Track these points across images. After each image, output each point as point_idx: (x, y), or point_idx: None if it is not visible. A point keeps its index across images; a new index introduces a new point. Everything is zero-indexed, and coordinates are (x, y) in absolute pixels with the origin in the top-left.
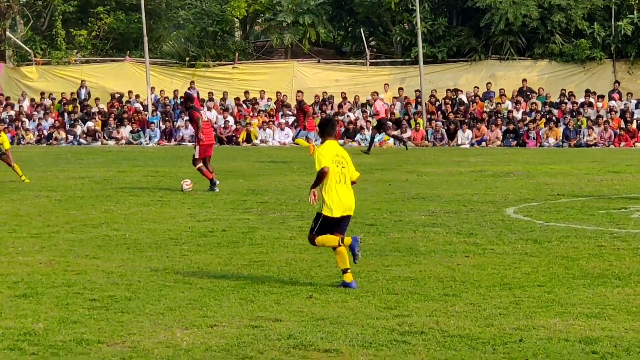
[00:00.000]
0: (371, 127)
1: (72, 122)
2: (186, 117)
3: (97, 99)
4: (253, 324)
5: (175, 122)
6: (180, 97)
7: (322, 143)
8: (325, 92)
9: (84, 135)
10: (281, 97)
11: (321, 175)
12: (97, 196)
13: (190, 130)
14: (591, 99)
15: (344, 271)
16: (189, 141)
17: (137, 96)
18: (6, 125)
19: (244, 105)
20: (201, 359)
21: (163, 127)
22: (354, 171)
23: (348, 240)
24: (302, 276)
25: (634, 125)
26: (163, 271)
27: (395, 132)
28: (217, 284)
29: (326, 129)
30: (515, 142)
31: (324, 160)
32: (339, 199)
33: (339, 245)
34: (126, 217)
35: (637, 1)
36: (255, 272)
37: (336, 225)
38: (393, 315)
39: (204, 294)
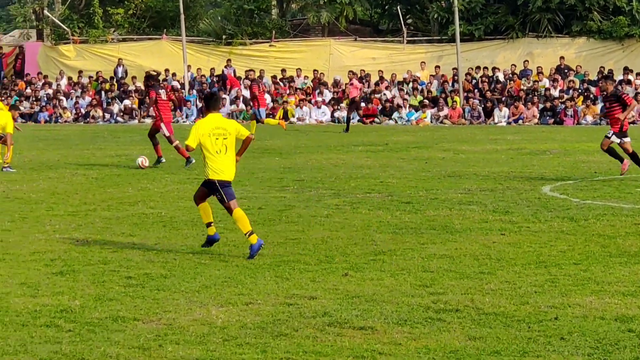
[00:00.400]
0: (347, 108)
1: (109, 100)
2: (222, 96)
3: (134, 77)
4: (288, 301)
5: None
6: (214, 76)
7: (204, 116)
8: (363, 70)
9: (121, 114)
10: (318, 75)
11: (186, 150)
12: (133, 174)
13: (227, 107)
14: (629, 77)
15: (249, 234)
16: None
17: (174, 74)
18: (44, 104)
19: (281, 84)
20: (236, 337)
21: (200, 105)
22: (243, 133)
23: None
24: (338, 254)
25: None
26: (199, 249)
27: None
28: (252, 262)
29: (210, 103)
30: (553, 120)
31: (191, 139)
32: (225, 165)
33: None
34: (162, 195)
35: None
36: (291, 249)
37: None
38: (428, 293)
39: (240, 272)
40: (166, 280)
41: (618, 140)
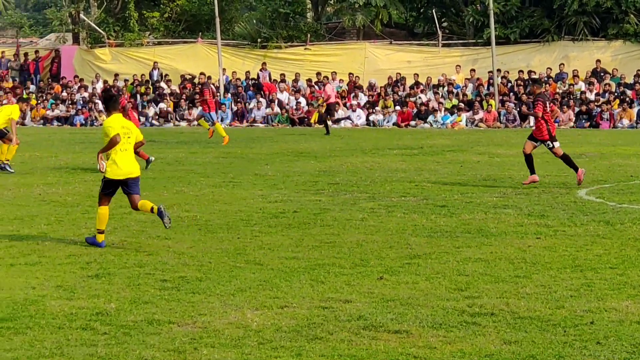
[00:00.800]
0: (324, 111)
1: (145, 103)
2: (257, 99)
3: (169, 81)
4: (323, 305)
5: (247, 104)
6: (249, 79)
7: (107, 116)
8: (398, 74)
9: (156, 117)
10: (353, 79)
11: (113, 143)
12: (168, 177)
13: (262, 111)
14: None
15: (100, 232)
16: (261, 122)
17: (209, 77)
18: (80, 107)
19: (316, 87)
20: (271, 340)
21: (235, 108)
22: (138, 135)
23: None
24: (373, 257)
25: None
26: (234, 252)
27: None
28: (287, 265)
29: (110, 104)
30: (589, 123)
31: (113, 131)
32: (122, 164)
33: (151, 211)
34: (197, 198)
35: None
36: (326, 253)
37: (124, 185)
38: (463, 297)
39: (275, 275)
40: (201, 283)
41: (551, 145)
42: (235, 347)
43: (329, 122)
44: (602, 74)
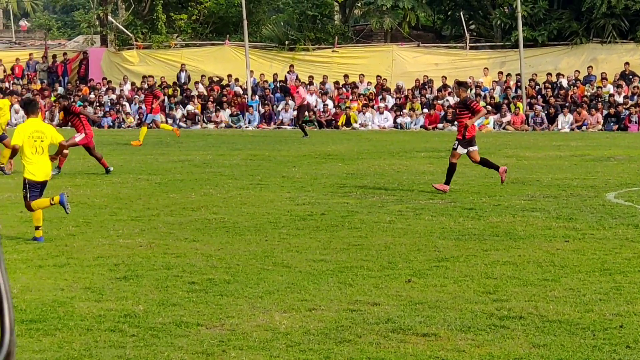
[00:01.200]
0: (296, 114)
1: (172, 105)
2: (284, 102)
3: (196, 83)
4: (351, 307)
5: (274, 106)
6: (277, 81)
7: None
8: (426, 76)
9: (184, 119)
10: (381, 81)
11: (14, 152)
12: (196, 179)
13: (290, 113)
14: None
15: (37, 228)
16: (289, 125)
17: (237, 80)
18: (108, 109)
19: (344, 89)
20: (299, 342)
21: (262, 110)
22: (56, 138)
23: (57, 198)
24: (401, 260)
25: None
26: (262, 254)
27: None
28: (315, 268)
29: (28, 108)
30: (617, 126)
31: (16, 139)
32: (38, 167)
33: (51, 204)
34: (225, 201)
35: None
36: (353, 255)
37: (41, 188)
38: (492, 300)
39: (303, 278)
40: (229, 285)
41: (464, 151)
42: (264, 349)
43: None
44: (630, 76)
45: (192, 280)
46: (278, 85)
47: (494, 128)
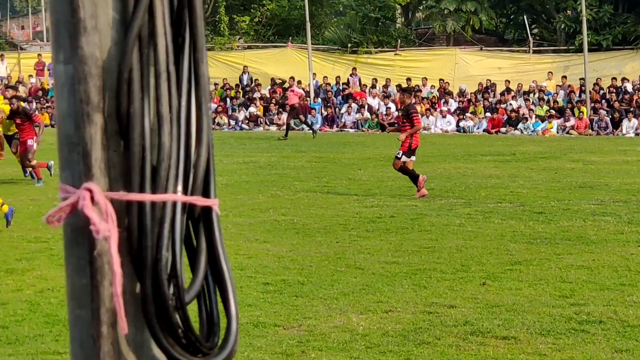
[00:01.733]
0: (287, 114)
1: (235, 107)
2: (347, 104)
3: (259, 85)
4: (428, 309)
5: (337, 109)
6: (339, 84)
7: None
8: (489, 80)
9: (246, 121)
10: (444, 85)
11: None
12: (262, 181)
13: (353, 116)
14: None
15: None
16: (351, 127)
17: (299, 82)
18: None
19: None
20: (378, 344)
21: (325, 113)
22: None
23: (6, 207)
24: (474, 263)
25: None
26: (334, 256)
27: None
28: (388, 270)
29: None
30: None
31: None
32: None
33: None
34: (293, 202)
35: None
36: (426, 258)
37: None
38: (569, 304)
39: (377, 280)
40: (304, 287)
41: (408, 159)
42: (343, 350)
43: (291, 124)
44: None
45: (265, 281)
46: (341, 87)
47: (557, 132)
